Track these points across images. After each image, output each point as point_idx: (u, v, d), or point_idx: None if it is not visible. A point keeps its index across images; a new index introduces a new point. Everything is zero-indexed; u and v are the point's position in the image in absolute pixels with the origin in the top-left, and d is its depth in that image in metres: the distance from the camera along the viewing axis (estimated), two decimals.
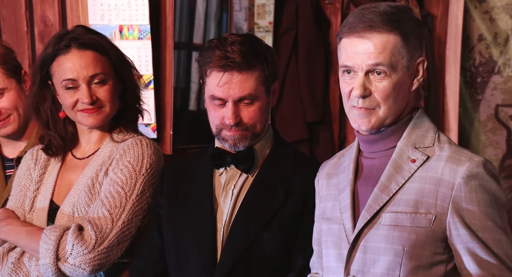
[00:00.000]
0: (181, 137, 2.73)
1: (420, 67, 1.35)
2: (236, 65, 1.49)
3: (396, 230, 1.29)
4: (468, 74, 3.18)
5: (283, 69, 2.95)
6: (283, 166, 1.57)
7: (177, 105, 2.75)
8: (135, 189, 1.58)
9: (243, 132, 1.53)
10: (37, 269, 1.57)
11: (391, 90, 1.31)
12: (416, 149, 1.34)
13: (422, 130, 1.36)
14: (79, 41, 1.61)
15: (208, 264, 1.51)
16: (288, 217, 1.51)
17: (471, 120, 3.18)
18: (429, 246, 1.28)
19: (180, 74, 2.81)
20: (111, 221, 1.54)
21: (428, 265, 1.28)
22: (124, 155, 1.61)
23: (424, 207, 1.29)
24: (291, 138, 2.78)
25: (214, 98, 1.53)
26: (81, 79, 1.60)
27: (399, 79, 1.31)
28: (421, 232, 1.28)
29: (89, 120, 1.63)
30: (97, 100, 1.62)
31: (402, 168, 1.33)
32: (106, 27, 2.60)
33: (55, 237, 1.52)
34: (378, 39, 1.30)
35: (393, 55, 1.30)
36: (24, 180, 1.70)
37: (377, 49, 1.30)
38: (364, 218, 1.33)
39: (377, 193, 1.33)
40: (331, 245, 1.37)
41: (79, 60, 1.60)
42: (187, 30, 2.83)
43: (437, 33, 3.14)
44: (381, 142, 1.36)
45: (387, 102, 1.32)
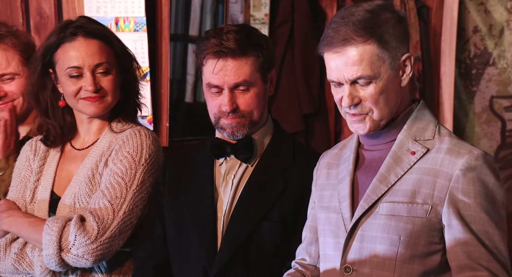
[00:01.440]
0: (177, 129, 2.73)
1: (407, 63, 1.35)
2: (230, 51, 1.50)
3: (392, 220, 1.30)
4: (463, 66, 3.19)
5: (279, 61, 2.95)
6: (283, 156, 1.58)
7: (173, 97, 2.75)
8: (135, 179, 1.59)
9: (240, 119, 1.54)
10: (40, 259, 1.58)
11: (378, 94, 1.32)
12: (416, 142, 1.35)
13: (423, 123, 1.37)
14: (85, 30, 1.61)
15: (209, 253, 1.52)
16: (287, 206, 1.52)
17: (466, 111, 3.20)
18: (425, 235, 1.30)
19: (176, 66, 2.81)
20: (113, 212, 1.55)
21: (423, 255, 1.30)
22: (123, 146, 1.62)
23: (421, 197, 1.30)
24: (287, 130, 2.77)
25: (211, 86, 1.54)
26: (86, 67, 1.60)
27: (385, 82, 1.33)
28: (417, 222, 1.29)
29: (91, 109, 1.63)
30: (101, 88, 1.62)
31: (401, 160, 1.34)
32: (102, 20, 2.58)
33: (58, 228, 1.53)
34: (353, 52, 1.31)
35: (373, 64, 1.31)
36: (24, 171, 1.70)
37: (354, 63, 1.31)
38: (362, 207, 1.34)
39: (375, 183, 1.34)
40: (329, 233, 1.39)
41: (85, 48, 1.60)
42: (183, 22, 2.82)
43: (432, 25, 3.15)
44: (382, 136, 1.38)
45: (378, 106, 1.33)
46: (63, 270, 1.58)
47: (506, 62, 3.13)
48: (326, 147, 3.13)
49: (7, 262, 1.61)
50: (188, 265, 1.55)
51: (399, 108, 1.37)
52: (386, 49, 1.32)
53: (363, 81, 1.32)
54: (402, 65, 1.35)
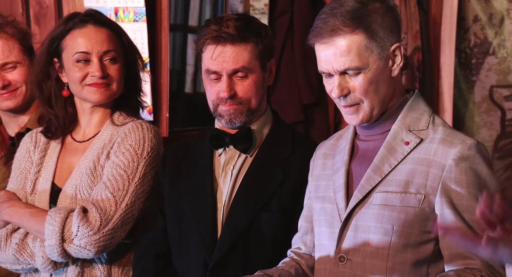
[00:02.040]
0: (177, 120, 2.74)
1: (397, 53, 1.35)
2: (229, 37, 1.50)
3: (386, 209, 1.31)
4: (463, 56, 3.19)
5: (279, 51, 2.95)
6: (282, 147, 1.59)
7: (173, 88, 2.75)
8: (137, 172, 1.60)
9: (238, 105, 1.54)
10: (41, 250, 1.59)
11: (367, 85, 1.33)
12: (410, 132, 1.34)
13: (417, 113, 1.37)
14: (95, 18, 1.63)
15: (208, 243, 1.53)
16: (287, 196, 1.53)
17: (465, 101, 3.20)
18: (418, 225, 1.30)
19: (176, 57, 2.81)
20: (115, 204, 1.56)
21: (416, 244, 1.31)
22: (126, 139, 1.63)
23: (414, 187, 1.31)
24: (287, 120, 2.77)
25: (209, 72, 1.54)
26: (94, 53, 1.61)
27: (374, 72, 1.33)
28: (410, 212, 1.30)
29: (96, 95, 1.63)
30: (107, 75, 1.63)
31: (395, 150, 1.34)
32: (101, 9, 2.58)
33: (60, 219, 1.54)
34: (341, 43, 1.31)
35: (360, 54, 1.31)
36: (24, 162, 1.71)
37: (342, 54, 1.31)
38: (356, 197, 1.35)
39: (369, 173, 1.35)
40: (324, 223, 1.40)
41: (94, 35, 1.61)
42: (183, 12, 2.82)
43: (432, 14, 3.14)
44: (376, 127, 1.38)
45: (368, 96, 1.34)
46: (64, 260, 1.59)
47: (506, 52, 3.13)
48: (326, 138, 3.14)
49: (8, 253, 1.62)
50: (188, 255, 1.57)
51: (393, 98, 1.38)
52: (374, 39, 1.32)
53: (352, 72, 1.33)
54: (392, 55, 1.34)
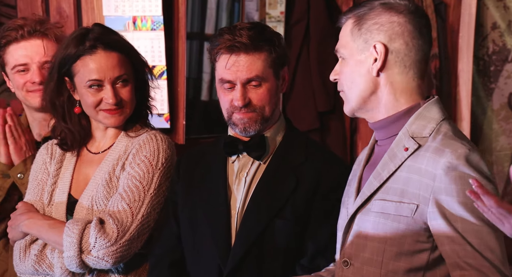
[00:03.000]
0: (194, 127, 2.76)
1: (375, 52, 1.37)
2: (243, 46, 1.51)
3: (382, 218, 1.32)
4: (481, 63, 3.16)
5: (295, 59, 2.95)
6: (295, 154, 1.59)
7: (189, 95, 2.77)
8: (153, 183, 1.62)
9: (252, 113, 1.55)
10: (60, 261, 1.61)
11: (344, 70, 1.39)
12: (412, 138, 1.34)
13: (425, 120, 1.36)
14: (104, 42, 1.64)
15: (223, 250, 1.54)
16: (300, 204, 1.53)
17: (484, 109, 3.17)
18: (411, 234, 1.30)
19: (193, 65, 2.83)
20: (131, 215, 1.58)
21: (410, 253, 1.30)
22: (140, 150, 1.65)
23: (408, 196, 1.30)
24: (302, 127, 2.80)
25: (223, 82, 1.55)
26: (106, 80, 1.64)
27: (351, 61, 1.37)
28: (403, 221, 1.30)
29: (111, 120, 1.68)
30: (120, 100, 1.67)
31: (395, 156, 1.34)
32: (119, 18, 2.63)
33: (78, 230, 1.57)
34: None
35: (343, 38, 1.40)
36: (40, 174, 1.74)
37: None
38: (356, 203, 1.37)
39: (371, 180, 1.36)
40: (339, 227, 1.43)
41: (105, 61, 1.63)
42: (199, 21, 2.85)
43: (450, 21, 3.12)
44: (383, 130, 1.39)
45: (346, 83, 1.39)
46: (82, 271, 1.61)
47: None
48: (342, 145, 3.14)
49: (27, 264, 1.64)
50: (202, 263, 1.57)
51: (398, 103, 1.37)
52: (359, 29, 1.35)
53: (340, 54, 1.40)
54: (374, 52, 1.35)
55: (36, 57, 1.85)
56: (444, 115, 1.38)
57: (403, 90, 1.37)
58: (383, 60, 1.34)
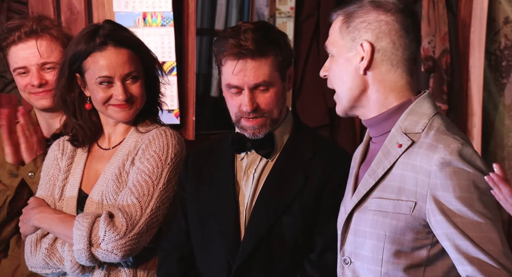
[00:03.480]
0: (204, 123, 2.76)
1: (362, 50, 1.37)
2: (249, 52, 1.51)
3: (380, 216, 1.33)
4: (493, 58, 3.14)
5: (305, 54, 2.95)
6: (303, 150, 1.59)
7: (199, 91, 2.78)
8: (162, 178, 1.63)
9: (261, 118, 1.56)
10: (70, 254, 1.63)
11: (331, 68, 1.39)
12: (405, 135, 1.34)
13: (417, 116, 1.35)
14: (115, 38, 1.64)
15: (231, 246, 1.55)
16: (308, 200, 1.54)
17: (495, 104, 3.14)
18: (410, 232, 1.30)
19: (202, 60, 2.83)
20: (140, 209, 1.59)
21: (410, 250, 1.31)
22: (150, 145, 1.66)
23: (405, 194, 1.31)
24: (312, 123, 2.79)
25: (230, 87, 1.56)
26: (116, 76, 1.65)
27: (339, 59, 1.38)
28: (401, 219, 1.31)
29: (121, 114, 1.68)
30: (130, 96, 1.67)
31: (389, 153, 1.34)
32: (130, 14, 2.64)
33: (88, 224, 1.58)
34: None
35: (333, 35, 1.40)
36: (52, 170, 1.76)
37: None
38: (353, 202, 1.38)
39: (366, 177, 1.36)
40: (338, 226, 1.44)
41: (116, 58, 1.64)
42: (209, 17, 2.85)
43: (461, 16, 3.10)
44: (376, 127, 1.39)
45: (334, 81, 1.40)
46: (92, 265, 1.63)
47: None
48: (352, 141, 3.13)
49: (38, 257, 1.66)
50: (211, 258, 1.58)
51: (388, 100, 1.36)
52: (347, 27, 1.36)
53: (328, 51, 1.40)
54: (361, 50, 1.35)
55: (33, 59, 1.84)
56: (436, 109, 1.37)
57: (392, 88, 1.37)
58: (370, 59, 1.34)
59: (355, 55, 1.36)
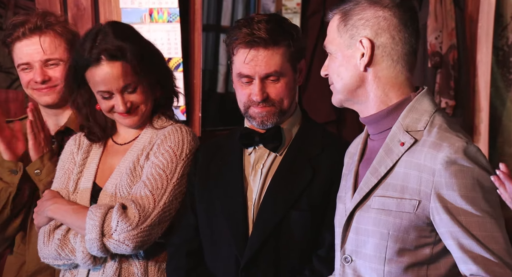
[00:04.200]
0: (210, 119, 2.77)
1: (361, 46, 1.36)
2: (262, 41, 1.51)
3: (383, 214, 1.32)
4: (501, 53, 3.12)
5: (311, 50, 2.94)
6: (311, 145, 1.59)
7: (205, 88, 2.78)
8: (176, 172, 1.64)
9: (270, 108, 1.55)
10: (82, 245, 1.64)
11: (332, 65, 1.39)
12: (407, 133, 1.33)
13: (418, 113, 1.35)
14: (108, 53, 1.65)
15: (240, 241, 1.55)
16: (316, 195, 1.54)
17: (503, 100, 3.13)
18: (413, 230, 1.30)
19: (208, 57, 2.83)
20: (153, 201, 1.60)
21: (413, 248, 1.31)
22: (165, 141, 1.67)
23: (409, 192, 1.30)
24: (319, 119, 2.77)
25: (241, 76, 1.55)
26: (114, 90, 1.67)
27: (338, 56, 1.38)
28: (405, 217, 1.30)
29: (126, 121, 1.71)
30: (131, 106, 1.69)
31: (392, 151, 1.34)
32: (136, 11, 2.64)
33: (101, 214, 1.59)
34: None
35: (331, 33, 1.39)
36: (67, 163, 1.77)
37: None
38: (355, 200, 1.37)
39: (368, 176, 1.36)
40: (337, 223, 1.43)
41: (110, 73, 1.65)
42: (215, 13, 2.84)
43: (469, 11, 3.08)
44: (375, 125, 1.39)
45: (333, 77, 1.40)
46: (104, 255, 1.63)
47: None
48: None
49: (51, 248, 1.67)
50: (220, 253, 1.59)
51: (388, 97, 1.36)
52: (345, 25, 1.36)
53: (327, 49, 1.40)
54: (360, 47, 1.35)
55: (37, 55, 1.84)
56: (436, 106, 1.37)
57: (392, 85, 1.36)
58: (370, 55, 1.34)
59: (354, 52, 1.35)
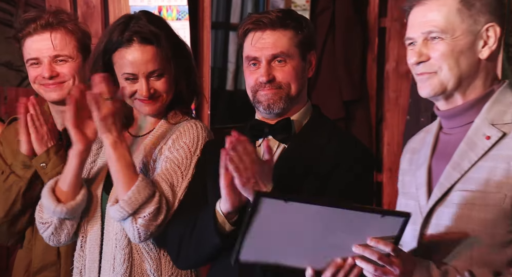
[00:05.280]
0: (218, 117, 2.77)
1: (491, 34, 1.29)
2: (269, 22, 1.53)
3: (465, 209, 1.26)
4: (511, 50, 3.10)
5: (320, 48, 2.94)
6: (318, 136, 1.58)
7: (214, 85, 2.78)
8: (190, 169, 1.64)
9: (277, 90, 1.54)
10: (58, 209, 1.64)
11: (449, 52, 1.28)
12: (493, 126, 1.28)
13: (504, 105, 1.29)
14: (141, 35, 1.64)
15: None
16: (318, 184, 1.52)
17: None
18: (501, 224, 1.24)
19: (218, 54, 2.83)
20: (173, 199, 1.60)
21: (503, 244, 1.25)
22: (180, 137, 1.67)
23: (495, 186, 1.25)
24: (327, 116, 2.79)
25: (249, 59, 1.56)
26: (140, 73, 1.65)
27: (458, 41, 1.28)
28: (490, 211, 1.25)
29: (146, 109, 1.69)
30: (154, 93, 1.67)
31: (476, 145, 1.28)
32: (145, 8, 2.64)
33: (148, 194, 1.56)
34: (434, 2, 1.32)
35: (448, 18, 1.28)
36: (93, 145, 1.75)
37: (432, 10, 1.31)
38: (435, 196, 1.31)
39: (449, 170, 1.30)
40: (411, 221, 1.34)
41: (140, 56, 1.64)
42: (225, 10, 2.84)
43: None
44: (458, 118, 1.33)
45: (445, 64, 1.29)
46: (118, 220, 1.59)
47: None
48: (367, 135, 3.11)
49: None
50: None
51: (474, 85, 1.31)
52: (468, 9, 1.28)
53: (436, 34, 1.29)
54: (484, 35, 1.29)
55: (47, 51, 1.85)
56: None
57: (492, 77, 1.32)
58: (498, 44, 1.28)
59: (477, 39, 1.28)
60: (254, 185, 1.43)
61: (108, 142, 1.60)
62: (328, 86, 2.96)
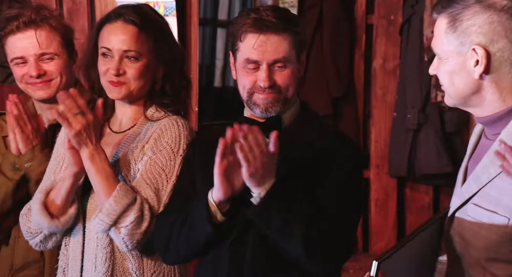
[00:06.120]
0: (206, 114, 2.76)
1: (474, 55, 1.26)
2: (272, 26, 1.51)
3: (475, 225, 1.28)
4: None
5: (308, 45, 2.94)
6: (307, 131, 1.58)
7: (202, 82, 2.77)
8: (174, 170, 1.61)
9: (275, 95, 1.54)
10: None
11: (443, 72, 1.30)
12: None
13: None
14: (128, 15, 1.61)
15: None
16: (305, 181, 1.51)
17: None
18: (506, 244, 1.25)
19: (205, 51, 2.82)
20: (158, 204, 1.58)
21: (507, 261, 1.26)
22: (162, 136, 1.63)
23: (502, 208, 1.25)
24: None
25: (249, 61, 1.54)
26: (115, 50, 1.61)
27: (450, 62, 1.29)
28: (495, 231, 1.26)
29: (112, 93, 1.64)
30: (123, 74, 1.62)
31: (495, 161, 1.26)
32: None
33: (125, 204, 1.54)
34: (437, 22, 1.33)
35: (439, 36, 1.29)
36: (61, 148, 1.72)
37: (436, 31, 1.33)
38: (455, 204, 1.32)
39: (470, 182, 1.31)
40: None
41: (120, 31, 1.61)
42: (212, 7, 2.83)
43: None
44: (490, 126, 1.33)
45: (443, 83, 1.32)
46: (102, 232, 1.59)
47: None
48: (355, 131, 3.13)
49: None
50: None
51: (504, 102, 1.28)
52: (454, 31, 1.26)
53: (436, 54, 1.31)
54: (474, 55, 1.27)
55: (32, 49, 1.81)
56: None
57: (509, 89, 1.29)
58: (486, 64, 1.26)
59: (467, 59, 1.27)
60: (260, 177, 1.43)
61: (85, 156, 1.58)
62: (316, 83, 2.96)
